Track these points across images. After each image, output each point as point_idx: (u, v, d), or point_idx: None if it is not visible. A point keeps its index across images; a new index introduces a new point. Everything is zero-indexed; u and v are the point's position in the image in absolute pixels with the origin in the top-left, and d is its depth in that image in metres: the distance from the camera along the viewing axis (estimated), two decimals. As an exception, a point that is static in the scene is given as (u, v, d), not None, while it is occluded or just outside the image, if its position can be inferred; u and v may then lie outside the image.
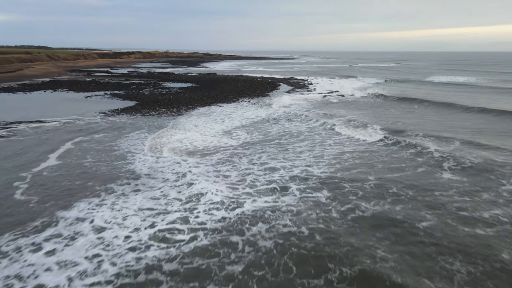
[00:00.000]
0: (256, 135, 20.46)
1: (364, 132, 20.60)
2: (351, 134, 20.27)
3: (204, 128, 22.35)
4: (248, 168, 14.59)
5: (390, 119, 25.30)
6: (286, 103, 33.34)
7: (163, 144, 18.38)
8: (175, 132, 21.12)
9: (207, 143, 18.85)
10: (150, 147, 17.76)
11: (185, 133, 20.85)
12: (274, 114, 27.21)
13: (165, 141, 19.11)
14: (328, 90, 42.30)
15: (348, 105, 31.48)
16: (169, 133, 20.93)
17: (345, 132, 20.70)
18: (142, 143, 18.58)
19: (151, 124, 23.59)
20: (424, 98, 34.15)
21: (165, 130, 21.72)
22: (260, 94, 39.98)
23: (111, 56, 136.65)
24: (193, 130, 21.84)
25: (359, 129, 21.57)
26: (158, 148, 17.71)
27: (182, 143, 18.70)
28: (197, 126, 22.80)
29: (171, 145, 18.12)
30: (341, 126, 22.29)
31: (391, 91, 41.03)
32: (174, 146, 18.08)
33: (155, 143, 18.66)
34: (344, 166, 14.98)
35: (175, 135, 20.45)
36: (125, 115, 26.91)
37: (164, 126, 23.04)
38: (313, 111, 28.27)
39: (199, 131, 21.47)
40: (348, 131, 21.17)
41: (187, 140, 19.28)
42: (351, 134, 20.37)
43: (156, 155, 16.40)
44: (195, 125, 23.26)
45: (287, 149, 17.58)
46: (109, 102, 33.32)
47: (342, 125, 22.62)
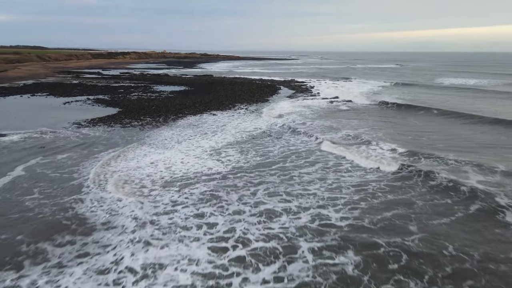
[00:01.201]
0: (252, 156, 16.70)
1: (389, 154, 16.73)
2: (373, 154, 16.57)
3: (189, 145, 18.53)
4: (237, 212, 10.82)
5: (412, 134, 21.25)
6: (288, 110, 29.66)
7: (130, 172, 14.41)
8: (151, 151, 17.29)
9: (188, 167, 15.06)
10: (112, 177, 13.90)
11: (164, 153, 17.04)
12: (276, 126, 23.52)
13: (133, 165, 15.23)
14: (333, 95, 38.59)
15: (359, 115, 27.74)
16: (144, 152, 17.16)
17: (372, 152, 16.89)
18: (107, 169, 14.83)
19: (129, 139, 19.87)
20: (443, 106, 29.56)
21: (141, 148, 17.97)
22: (259, 100, 36.32)
23: (106, 56, 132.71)
24: (175, 147, 18.02)
25: (382, 149, 17.68)
26: (123, 177, 13.83)
27: (156, 168, 14.87)
28: (180, 143, 18.94)
29: (139, 174, 14.23)
30: (359, 145, 18.49)
31: (402, 96, 37.35)
32: (144, 174, 14.23)
33: (121, 169, 14.84)
34: (372, 206, 11.28)
35: (151, 155, 16.62)
36: (103, 126, 23.21)
37: (143, 141, 19.32)
38: (321, 123, 24.54)
39: (182, 149, 17.67)
40: (369, 150, 17.45)
41: (163, 163, 15.48)
42: (373, 154, 16.66)
43: (117, 191, 12.55)
44: (178, 140, 19.42)
45: (292, 177, 13.88)
46: (89, 110, 29.60)
47: (368, 144, 18.66)
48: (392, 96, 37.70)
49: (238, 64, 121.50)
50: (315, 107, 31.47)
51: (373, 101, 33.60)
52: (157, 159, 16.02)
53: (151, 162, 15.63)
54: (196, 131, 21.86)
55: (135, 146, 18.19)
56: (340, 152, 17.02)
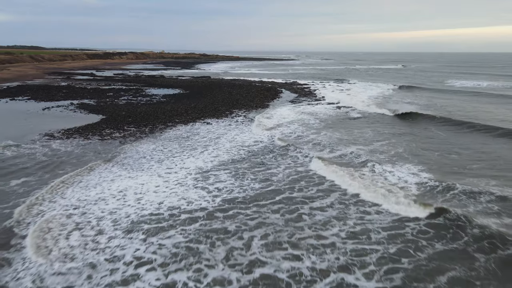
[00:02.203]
0: (250, 182, 13.54)
1: (414, 181, 13.45)
2: (394, 182, 13.44)
3: (171, 165, 15.35)
4: (220, 283, 7.64)
5: (438, 150, 17.98)
6: (291, 118, 26.55)
7: (88, 208, 11.11)
8: (122, 174, 14.10)
9: (163, 198, 11.85)
10: (50, 222, 10.59)
11: (137, 177, 13.86)
12: (278, 138, 20.41)
13: (94, 195, 12.04)
14: (339, 100, 35.45)
15: (371, 124, 24.53)
16: (114, 175, 14.03)
17: (393, 180, 13.68)
18: (59, 203, 11.65)
19: (105, 156, 16.76)
20: (465, 115, 26.14)
21: (110, 169, 14.81)
22: (259, 105, 33.20)
23: (102, 57, 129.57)
24: (153, 168, 14.84)
25: (405, 173, 14.45)
26: (75, 218, 10.52)
27: (123, 200, 11.71)
28: (162, 162, 15.75)
29: (100, 210, 11.01)
30: (384, 170, 14.87)
31: (416, 101, 34.17)
32: (106, 210, 11.03)
33: (74, 203, 11.61)
34: (417, 266, 8.17)
35: (121, 180, 13.46)
36: (78, 138, 20.10)
37: (117, 159, 16.16)
38: (329, 134, 21.45)
39: (161, 172, 14.47)
40: (390, 177, 14.31)
41: (134, 193, 12.31)
42: (393, 181, 13.52)
43: (54, 251, 8.96)
44: (160, 159, 16.22)
45: (301, 215, 10.76)
46: (69, 117, 26.49)
47: (386, 167, 15.24)
48: (405, 101, 34.54)
49: (238, 65, 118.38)
50: (321, 114, 28.32)
51: (384, 107, 30.43)
52: (127, 186, 12.83)
53: (119, 190, 12.46)
54: (184, 145, 18.71)
55: (104, 167, 15.03)
56: (354, 180, 13.83)
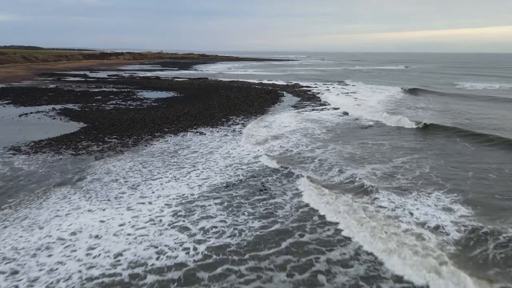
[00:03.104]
0: (246, 219, 10.60)
1: (450, 221, 10.43)
2: (438, 237, 10.29)
3: (147, 192, 12.43)
4: None
5: (471, 171, 14.86)
6: (294, 126, 23.71)
7: (16, 268, 8.16)
8: (81, 206, 11.20)
9: (122, 247, 8.87)
10: None
11: (99, 211, 10.89)
12: (281, 154, 17.58)
13: (35, 241, 9.09)
14: (346, 105, 32.59)
15: (386, 136, 21.64)
16: (71, 206, 11.14)
17: (421, 217, 10.64)
18: None
19: (71, 177, 13.92)
20: (502, 130, 22.15)
21: (69, 198, 11.86)
22: (259, 110, 30.39)
23: (98, 57, 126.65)
24: (123, 198, 11.89)
25: (438, 207, 11.62)
26: None
27: (74, 248, 8.81)
28: (136, 188, 12.83)
29: (36, 265, 8.10)
30: (406, 202, 11.79)
31: (430, 106, 31.28)
32: (46, 266, 8.04)
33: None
34: None
35: (75, 216, 10.53)
36: (48, 153, 17.25)
37: (81, 184, 13.24)
38: (338, 148, 18.61)
39: (132, 203, 11.54)
40: (427, 210, 11.45)
41: (89, 235, 9.43)
42: (437, 237, 10.40)
43: None
44: (135, 183, 13.26)
45: (315, 274, 7.90)
46: (45, 125, 23.65)
47: (410, 197, 12.27)
48: (418, 106, 31.67)
49: (237, 66, 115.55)
50: (327, 122, 25.46)
51: (399, 114, 27.58)
52: (84, 225, 9.94)
53: (72, 231, 9.59)
54: (169, 162, 15.82)
55: (63, 195, 12.15)
56: (364, 229, 10.93)
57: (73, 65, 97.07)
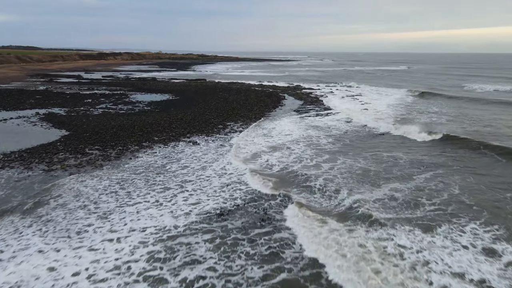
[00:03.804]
0: (245, 263, 8.33)
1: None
2: None
3: (118, 224, 10.07)
4: None
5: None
6: (297, 134, 21.47)
7: None
8: (30, 245, 8.91)
9: None
10: None
11: (51, 252, 8.60)
12: (282, 169, 15.33)
13: None
14: (353, 110, 30.37)
15: (404, 145, 19.34)
16: (15, 247, 8.81)
17: (457, 269, 8.41)
18: None
19: (32, 202, 11.64)
20: None
21: (20, 233, 9.53)
22: (259, 115, 28.19)
23: (95, 57, 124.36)
24: (88, 232, 9.58)
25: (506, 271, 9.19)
26: None
27: None
28: (106, 217, 10.52)
29: None
30: (434, 245, 9.42)
31: (444, 111, 29.00)
32: None
33: None
34: None
35: (19, 260, 8.24)
36: (17, 168, 15.01)
37: (40, 211, 10.92)
38: (349, 164, 16.38)
39: (96, 240, 9.23)
40: (467, 257, 9.13)
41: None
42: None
43: None
44: (107, 210, 10.96)
45: None
46: (23, 133, 21.41)
47: (439, 235, 9.82)
48: (431, 111, 29.35)
49: (236, 66, 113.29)
50: (334, 129, 23.20)
51: (410, 120, 25.32)
52: (24, 277, 7.62)
53: (11, 285, 7.33)
54: (154, 181, 13.54)
55: (14, 228, 9.85)
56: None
57: (69, 65, 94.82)
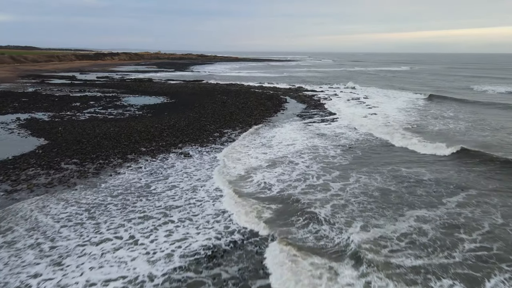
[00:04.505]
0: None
1: None
2: None
3: (66, 282, 7.62)
4: None
5: None
6: (301, 145, 19.22)
7: None
8: None
9: None
10: None
11: None
12: (284, 189, 13.07)
13: None
14: (362, 115, 28.10)
15: (425, 159, 17.10)
16: None
17: None
18: None
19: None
20: None
21: None
22: (259, 120, 26.01)
23: (92, 57, 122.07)
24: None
25: None
26: None
27: None
28: (59, 264, 8.13)
29: None
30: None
31: (461, 116, 26.79)
32: None
33: None
34: None
35: None
36: (-24, 188, 12.76)
37: None
38: (363, 182, 14.14)
39: None
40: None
41: None
42: None
43: None
44: (60, 255, 8.54)
45: None
46: (-4, 143, 19.17)
47: None
48: (446, 116, 27.08)
49: (236, 67, 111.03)
50: (342, 138, 20.93)
51: (427, 127, 23.06)
52: None
53: None
54: (132, 207, 11.23)
55: None
56: None
57: (64, 66, 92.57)
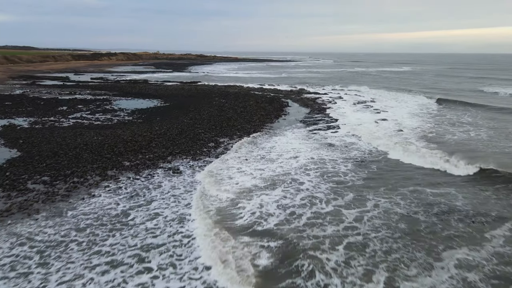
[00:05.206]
0: None
1: None
2: None
3: None
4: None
5: None
6: (305, 158, 16.95)
7: None
8: None
9: None
10: None
11: None
12: (283, 224, 10.84)
13: None
14: (370, 121, 25.86)
15: (450, 178, 14.83)
16: None
17: None
18: None
19: None
20: None
21: None
22: (259, 127, 23.81)
23: (89, 58, 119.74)
24: None
25: None
26: None
27: None
28: None
29: None
30: None
31: (480, 122, 24.48)
32: None
33: None
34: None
35: None
36: None
37: None
38: (387, 210, 11.87)
39: None
40: None
41: None
42: None
43: None
44: None
45: None
46: (-39, 155, 16.91)
47: None
48: (464, 122, 24.79)
49: (235, 67, 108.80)
50: (353, 149, 18.64)
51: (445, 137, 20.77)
52: None
53: None
54: (98, 249, 8.86)
55: None
56: None
57: (59, 66, 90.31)
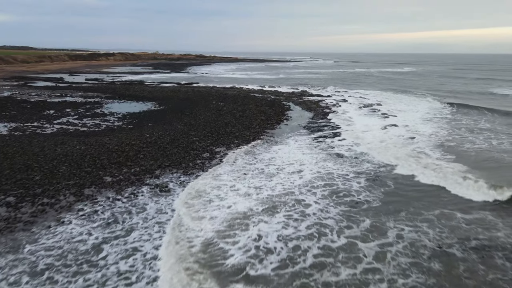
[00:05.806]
0: None
1: None
2: None
3: None
4: None
5: None
6: (310, 174, 15.00)
7: None
8: None
9: None
10: None
11: None
12: (285, 265, 8.91)
13: None
14: (379, 127, 23.91)
15: (494, 207, 12.98)
16: None
17: None
18: None
19: None
20: None
21: None
22: (259, 134, 21.92)
23: (86, 58, 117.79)
24: None
25: None
26: None
27: None
28: None
29: None
30: None
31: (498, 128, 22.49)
32: None
33: None
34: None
35: None
36: None
37: None
38: (423, 264, 9.95)
39: None
40: None
41: None
42: None
43: None
44: None
45: None
46: None
47: None
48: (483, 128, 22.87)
49: (235, 68, 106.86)
50: (364, 161, 16.68)
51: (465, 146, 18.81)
52: None
53: None
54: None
55: None
56: None
57: (55, 67, 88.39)
